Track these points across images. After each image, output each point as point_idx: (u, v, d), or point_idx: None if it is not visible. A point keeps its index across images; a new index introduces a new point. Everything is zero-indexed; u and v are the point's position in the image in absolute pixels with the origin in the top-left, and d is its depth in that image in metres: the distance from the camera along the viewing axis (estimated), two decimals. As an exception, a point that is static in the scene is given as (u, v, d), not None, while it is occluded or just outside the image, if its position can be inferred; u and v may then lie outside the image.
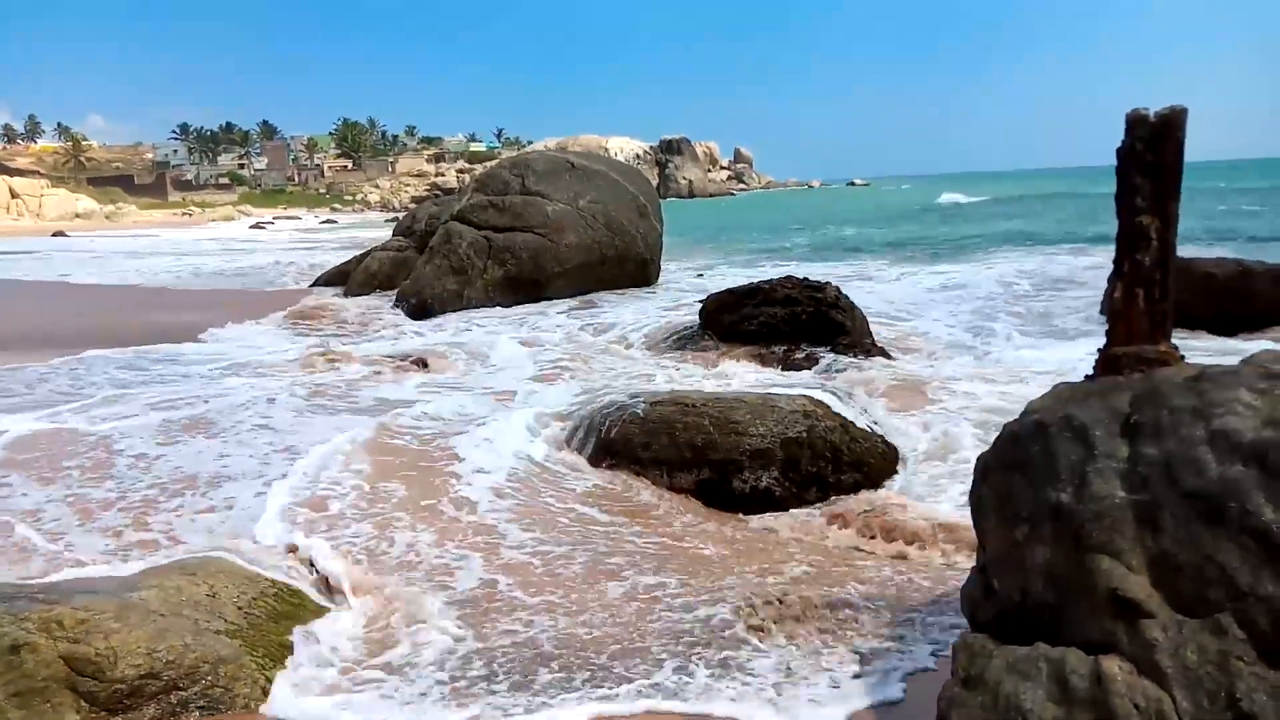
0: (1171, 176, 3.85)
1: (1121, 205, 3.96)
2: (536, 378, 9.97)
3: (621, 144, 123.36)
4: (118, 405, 8.61)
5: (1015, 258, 21.70)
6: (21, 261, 32.39)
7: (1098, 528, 3.04)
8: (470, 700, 3.75)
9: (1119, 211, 3.99)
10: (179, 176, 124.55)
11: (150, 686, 3.58)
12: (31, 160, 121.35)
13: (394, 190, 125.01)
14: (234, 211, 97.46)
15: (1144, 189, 3.87)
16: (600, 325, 13.56)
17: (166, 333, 13.56)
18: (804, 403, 6.92)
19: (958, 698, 3.05)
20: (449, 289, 15.65)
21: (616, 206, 17.15)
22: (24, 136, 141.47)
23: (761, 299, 11.27)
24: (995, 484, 3.55)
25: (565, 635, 4.26)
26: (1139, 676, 2.73)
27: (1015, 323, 12.91)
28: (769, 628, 4.30)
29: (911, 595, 4.69)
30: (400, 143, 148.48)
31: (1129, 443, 3.22)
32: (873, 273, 20.97)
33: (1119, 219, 3.99)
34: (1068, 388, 3.79)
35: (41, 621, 3.63)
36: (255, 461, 6.81)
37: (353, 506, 5.90)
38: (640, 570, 5.05)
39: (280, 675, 3.87)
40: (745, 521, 5.99)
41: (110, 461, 6.83)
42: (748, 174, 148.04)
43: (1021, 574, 3.23)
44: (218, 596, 4.12)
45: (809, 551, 5.42)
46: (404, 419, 7.80)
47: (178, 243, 48.85)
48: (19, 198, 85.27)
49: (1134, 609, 2.85)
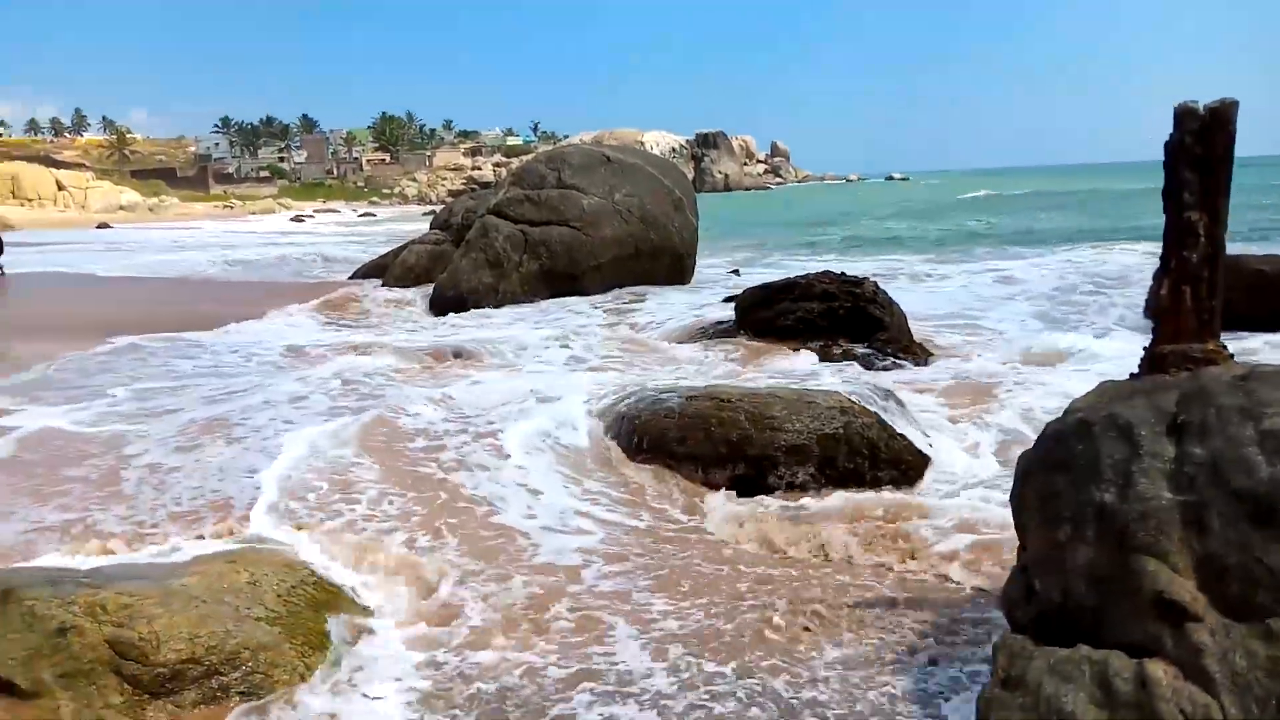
0: (1221, 171, 3.77)
1: (1169, 201, 3.89)
2: (571, 371, 9.99)
3: (657, 138, 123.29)
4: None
5: (1065, 253, 21.42)
6: (76, 253, 32.92)
7: (1143, 528, 2.99)
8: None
9: (1166, 207, 3.91)
10: (220, 169, 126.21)
11: (192, 671, 3.64)
12: (77, 153, 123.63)
13: (431, 184, 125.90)
14: (274, 204, 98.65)
15: (1192, 184, 3.80)
16: (634, 320, 13.56)
17: (219, 320, 13.89)
18: (841, 399, 6.87)
19: (997, 699, 3.02)
20: (484, 282, 15.72)
21: (652, 200, 17.12)
22: (70, 130, 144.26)
23: (798, 294, 11.21)
24: (1037, 483, 3.50)
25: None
26: (1185, 681, 2.68)
27: (1066, 319, 12.70)
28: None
29: (937, 595, 4.64)
30: (438, 137, 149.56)
31: (1175, 442, 3.16)
32: (914, 268, 20.82)
33: (1166, 215, 3.91)
34: (1112, 386, 3.73)
35: (87, 605, 3.70)
36: (264, 456, 6.73)
37: (383, 498, 5.93)
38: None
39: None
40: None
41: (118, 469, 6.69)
42: (784, 168, 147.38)
43: (1063, 575, 3.19)
44: (258, 584, 4.17)
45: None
46: (431, 411, 7.84)
47: (220, 235, 49.58)
48: (65, 190, 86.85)
49: (1180, 612, 2.80)
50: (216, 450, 6.93)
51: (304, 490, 5.93)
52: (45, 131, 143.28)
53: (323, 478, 6.14)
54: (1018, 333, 11.93)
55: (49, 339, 12.21)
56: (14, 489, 6.16)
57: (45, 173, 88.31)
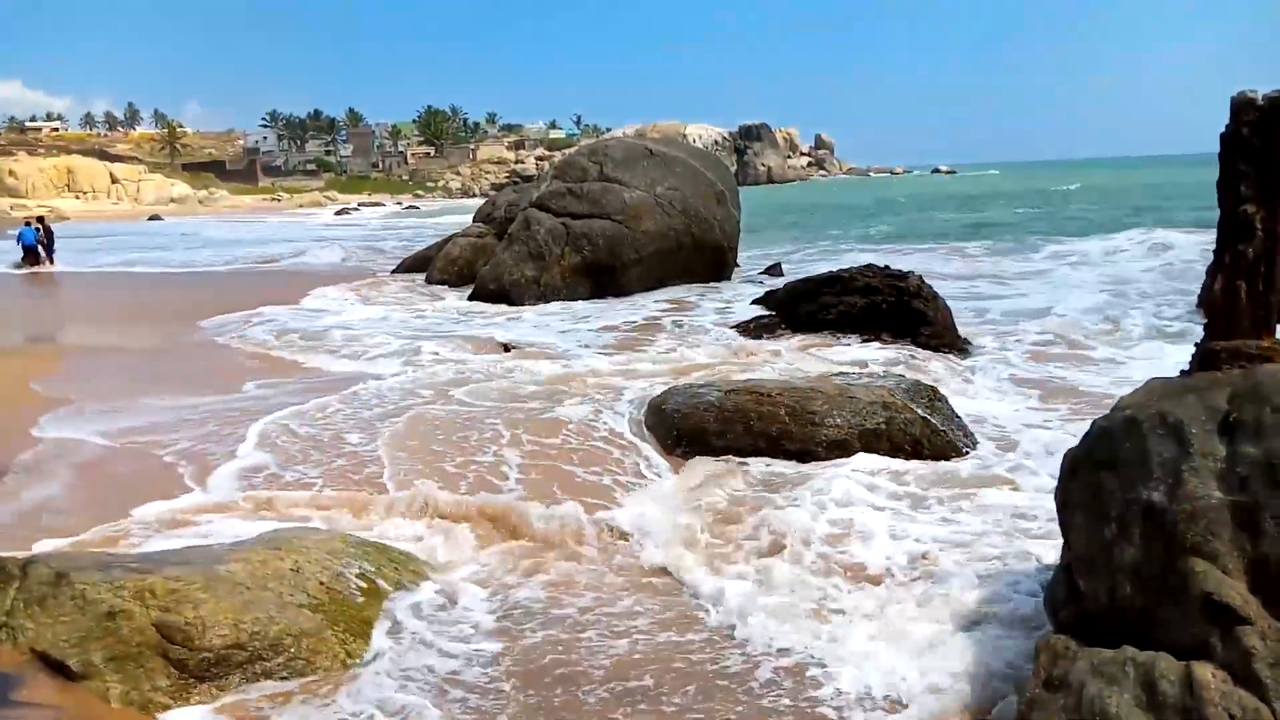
0: (1280, 164, 3.68)
1: (1224, 194, 3.80)
2: (611, 363, 10.00)
3: (700, 130, 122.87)
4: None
5: (1121, 244, 21.07)
6: (143, 251, 33.78)
7: (1192, 529, 2.93)
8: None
9: (1221, 200, 3.83)
10: (268, 162, 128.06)
11: (236, 656, 3.71)
12: (130, 147, 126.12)
13: (474, 177, 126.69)
14: (320, 197, 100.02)
15: (1249, 177, 3.71)
16: (675, 314, 13.57)
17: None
18: (883, 394, 6.80)
19: (1039, 699, 2.97)
20: (526, 275, 15.78)
21: (694, 193, 17.06)
22: (123, 124, 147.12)
23: (840, 288, 11.12)
24: (1083, 481, 3.44)
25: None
26: (1234, 686, 2.62)
27: (1128, 316, 12.40)
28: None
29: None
30: (481, 130, 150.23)
31: (1228, 441, 3.09)
32: (965, 259, 20.60)
33: (1221, 208, 3.83)
34: (1161, 383, 3.65)
35: (135, 590, 3.78)
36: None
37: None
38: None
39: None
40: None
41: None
42: (828, 160, 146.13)
43: (1109, 575, 3.13)
44: (301, 571, 4.23)
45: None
46: (487, 401, 7.91)
47: (270, 227, 50.44)
48: (118, 183, 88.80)
49: (1230, 615, 2.74)
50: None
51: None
52: (99, 126, 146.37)
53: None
54: (1067, 327, 11.66)
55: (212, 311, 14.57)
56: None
57: (99, 166, 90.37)
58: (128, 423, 7.61)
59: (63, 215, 57.42)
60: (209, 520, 5.47)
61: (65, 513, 5.65)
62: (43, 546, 4.85)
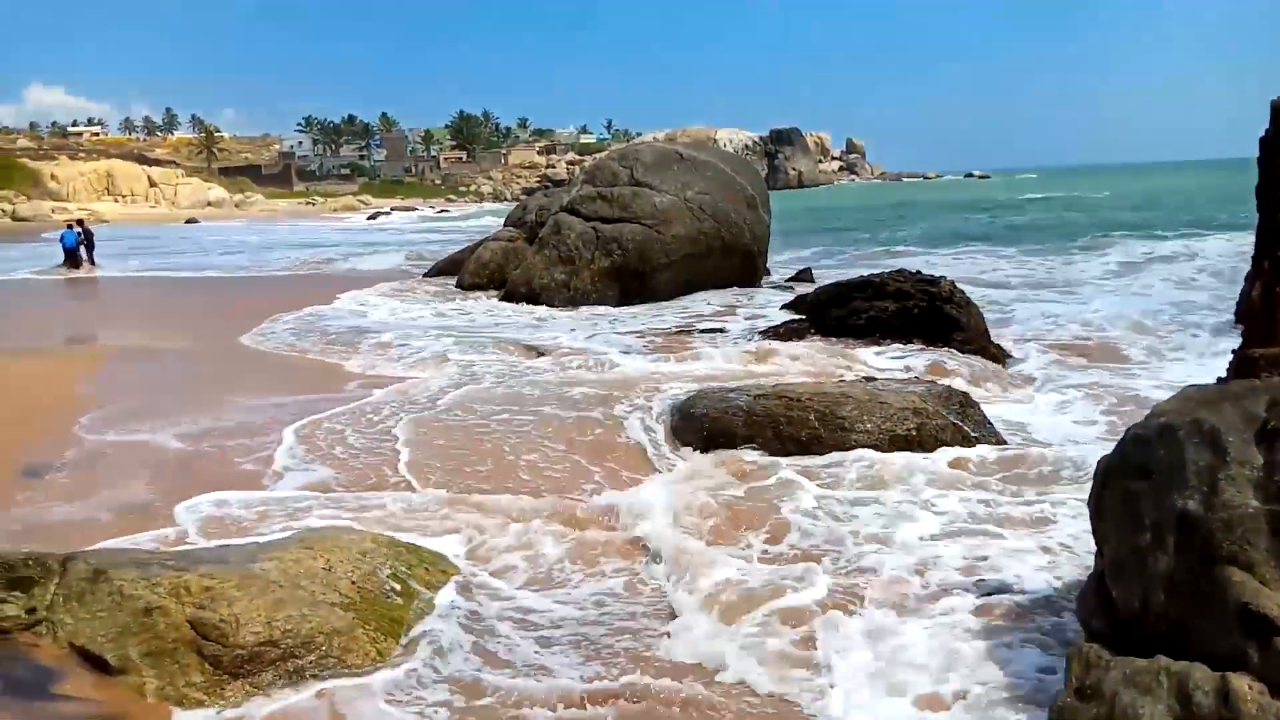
0: (1321, 168, 3.62)
1: (1264, 198, 3.74)
2: (639, 367, 10.01)
3: (730, 134, 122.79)
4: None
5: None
6: (178, 255, 34.13)
7: (1228, 538, 2.89)
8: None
9: (1260, 205, 3.77)
10: (303, 167, 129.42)
11: (269, 653, 3.75)
12: (168, 151, 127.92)
13: (505, 182, 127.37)
14: (354, 201, 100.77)
15: (1289, 181, 3.65)
16: (704, 319, 13.58)
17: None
18: (914, 399, 6.77)
19: (1070, 709, 2.94)
20: (557, 279, 15.84)
21: (724, 198, 17.05)
22: (162, 128, 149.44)
23: (871, 293, 11.06)
24: (1117, 489, 3.40)
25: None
26: (1272, 698, 2.58)
27: (1163, 321, 12.24)
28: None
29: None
30: (513, 135, 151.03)
31: (1266, 449, 3.04)
32: (996, 266, 20.43)
33: (1260, 213, 3.77)
34: (1197, 390, 3.60)
35: (171, 587, 3.85)
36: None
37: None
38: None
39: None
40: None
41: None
42: (860, 165, 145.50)
43: (1142, 583, 3.09)
44: (333, 570, 4.28)
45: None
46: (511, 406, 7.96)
47: (304, 232, 50.90)
48: (157, 186, 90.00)
49: (1268, 626, 2.70)
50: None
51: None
52: (138, 130, 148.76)
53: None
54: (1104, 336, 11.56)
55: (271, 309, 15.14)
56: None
57: (138, 170, 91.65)
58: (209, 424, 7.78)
59: (102, 218, 58.35)
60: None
61: (128, 510, 5.78)
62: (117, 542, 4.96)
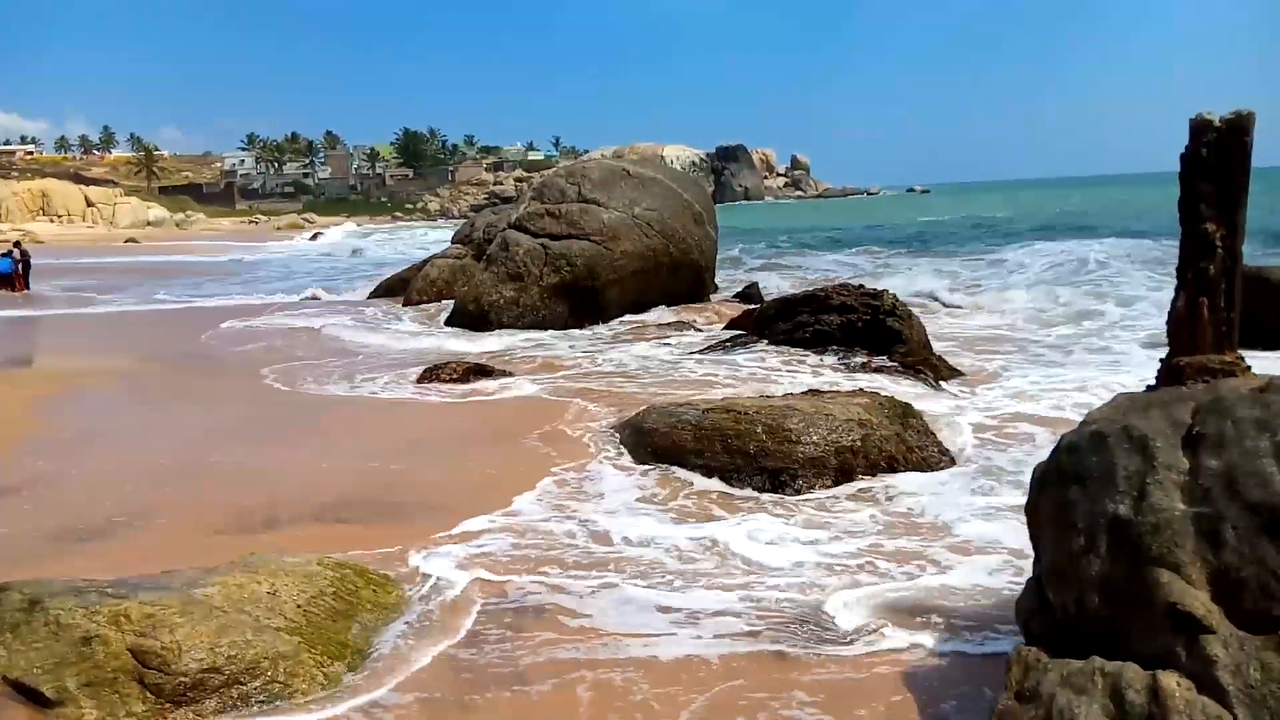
0: (1238, 183, 3.77)
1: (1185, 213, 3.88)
2: (590, 384, 10.02)
3: (677, 151, 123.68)
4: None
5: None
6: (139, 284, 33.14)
7: (1157, 540, 2.99)
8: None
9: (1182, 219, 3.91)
10: (246, 185, 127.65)
11: (213, 680, 3.69)
12: (106, 170, 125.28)
13: (453, 199, 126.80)
14: (299, 219, 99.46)
15: (1208, 196, 3.80)
16: (653, 335, 13.64)
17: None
18: (858, 410, 6.87)
19: (1010, 711, 3.01)
20: (505, 295, 15.80)
21: (672, 214, 17.15)
22: (99, 147, 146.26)
23: (816, 306, 11.22)
24: (1051, 494, 3.50)
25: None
26: (1198, 694, 2.67)
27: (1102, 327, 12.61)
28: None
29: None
30: (460, 152, 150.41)
31: (1191, 454, 3.15)
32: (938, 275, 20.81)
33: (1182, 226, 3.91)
34: (1127, 398, 3.72)
35: (110, 615, 3.76)
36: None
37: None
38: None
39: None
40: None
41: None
42: (805, 181, 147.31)
43: (1077, 586, 3.18)
44: (278, 594, 4.22)
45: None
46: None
47: (248, 253, 49.56)
48: (94, 206, 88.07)
49: (1194, 624, 2.79)
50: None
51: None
52: (74, 149, 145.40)
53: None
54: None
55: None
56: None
57: (74, 189, 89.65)
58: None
59: (36, 239, 56.87)
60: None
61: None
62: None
